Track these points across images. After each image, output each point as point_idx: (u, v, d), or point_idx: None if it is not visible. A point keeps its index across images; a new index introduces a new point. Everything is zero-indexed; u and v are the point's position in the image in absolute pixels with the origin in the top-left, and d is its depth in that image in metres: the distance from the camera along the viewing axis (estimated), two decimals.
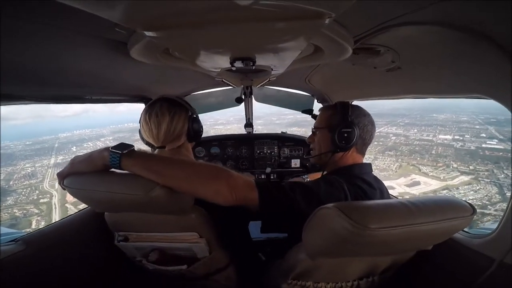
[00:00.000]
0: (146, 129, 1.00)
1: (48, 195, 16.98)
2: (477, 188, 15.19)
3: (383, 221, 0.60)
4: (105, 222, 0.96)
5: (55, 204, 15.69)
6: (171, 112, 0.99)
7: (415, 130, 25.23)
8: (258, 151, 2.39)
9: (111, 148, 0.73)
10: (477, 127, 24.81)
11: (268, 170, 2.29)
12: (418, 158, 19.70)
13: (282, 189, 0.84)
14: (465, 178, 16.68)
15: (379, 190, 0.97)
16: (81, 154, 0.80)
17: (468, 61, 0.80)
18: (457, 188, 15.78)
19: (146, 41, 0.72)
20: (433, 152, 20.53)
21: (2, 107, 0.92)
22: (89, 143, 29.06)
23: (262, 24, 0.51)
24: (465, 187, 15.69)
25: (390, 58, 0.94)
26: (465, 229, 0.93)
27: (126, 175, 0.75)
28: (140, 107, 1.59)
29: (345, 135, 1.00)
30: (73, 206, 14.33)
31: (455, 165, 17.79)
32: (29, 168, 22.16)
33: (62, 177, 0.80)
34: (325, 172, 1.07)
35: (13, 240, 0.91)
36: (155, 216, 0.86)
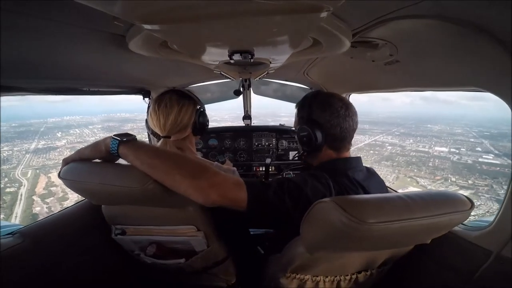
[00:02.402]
0: (154, 118, 1.05)
1: (17, 184, 15.12)
2: (478, 203, 14.40)
3: (380, 215, 0.59)
4: (102, 215, 0.96)
5: (21, 195, 14.09)
6: (180, 103, 1.06)
7: (411, 141, 24.95)
8: (256, 143, 2.37)
9: (113, 135, 0.76)
10: (472, 140, 24.84)
11: (268, 160, 2.17)
12: (415, 170, 19.10)
13: (271, 188, 0.82)
14: (464, 193, 16.06)
15: (362, 187, 0.91)
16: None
17: (466, 55, 0.79)
18: None
19: (144, 34, 0.73)
20: (430, 164, 20.02)
21: None
22: (76, 129, 27.01)
23: (261, 17, 0.50)
24: None
25: (388, 51, 0.95)
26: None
27: (122, 167, 0.77)
28: (135, 98, 1.66)
29: (304, 138, 0.97)
30: (40, 198, 12.93)
31: (453, 179, 17.28)
32: (6, 152, 20.38)
33: (66, 163, 0.81)
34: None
35: (11, 233, 0.90)
36: (152, 209, 0.87)
